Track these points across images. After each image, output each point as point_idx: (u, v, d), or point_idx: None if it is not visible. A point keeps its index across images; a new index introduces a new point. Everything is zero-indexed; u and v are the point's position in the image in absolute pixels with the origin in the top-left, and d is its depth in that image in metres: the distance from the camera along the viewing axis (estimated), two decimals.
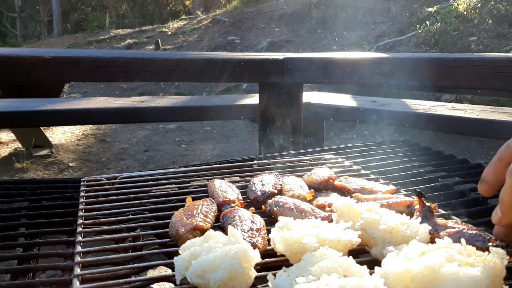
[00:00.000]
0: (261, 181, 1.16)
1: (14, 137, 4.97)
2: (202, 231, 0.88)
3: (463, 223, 0.90)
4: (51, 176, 4.27)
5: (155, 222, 1.04)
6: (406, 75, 1.93)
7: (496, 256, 0.68)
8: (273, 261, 0.84)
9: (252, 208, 1.04)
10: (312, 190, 1.13)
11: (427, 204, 0.92)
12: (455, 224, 0.88)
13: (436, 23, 7.88)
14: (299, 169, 1.32)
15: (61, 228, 1.06)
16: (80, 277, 0.82)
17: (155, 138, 5.72)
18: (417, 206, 0.96)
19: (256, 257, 0.75)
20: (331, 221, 0.92)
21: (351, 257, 0.72)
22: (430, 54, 4.21)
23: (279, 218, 0.85)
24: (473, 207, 1.10)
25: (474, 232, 0.84)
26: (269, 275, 0.70)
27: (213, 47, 10.20)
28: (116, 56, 2.11)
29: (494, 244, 0.80)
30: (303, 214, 0.95)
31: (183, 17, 15.71)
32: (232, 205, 1.04)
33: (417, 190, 0.95)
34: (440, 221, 0.89)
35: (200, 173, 1.33)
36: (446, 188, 1.26)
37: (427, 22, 8.04)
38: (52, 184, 1.33)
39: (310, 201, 1.05)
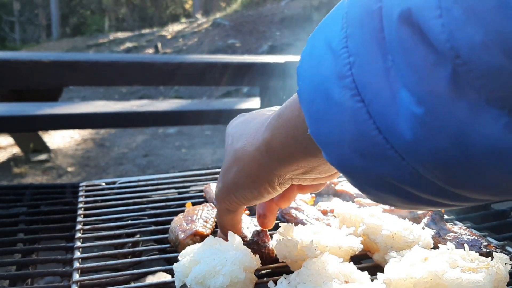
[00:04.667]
0: None
1: (13, 142, 4.96)
2: (202, 237, 0.88)
3: (467, 228, 0.89)
4: (49, 181, 4.26)
5: (155, 227, 1.03)
6: None
7: (499, 262, 0.67)
8: (274, 267, 0.83)
9: (247, 211, 1.04)
10: (313, 195, 1.12)
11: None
12: (460, 229, 0.87)
13: None
14: None
15: (59, 233, 1.05)
16: (79, 283, 0.81)
17: (154, 143, 5.71)
18: (420, 212, 0.96)
19: (256, 263, 0.75)
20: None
21: (352, 263, 0.71)
22: None
23: (280, 224, 0.84)
24: (476, 212, 1.10)
25: (472, 237, 0.84)
26: (270, 283, 0.69)
27: (213, 51, 10.21)
28: (115, 60, 2.11)
29: (491, 250, 0.79)
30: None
31: (183, 20, 15.76)
32: None
33: None
34: (449, 225, 0.89)
35: (200, 177, 1.33)
36: None
37: None
38: (51, 189, 1.32)
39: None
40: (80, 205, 1.12)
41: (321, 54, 0.41)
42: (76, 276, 0.83)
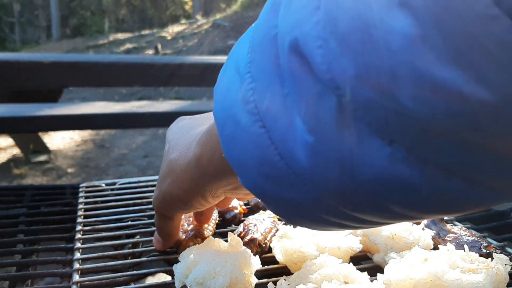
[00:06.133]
0: None
1: (12, 143, 4.96)
2: (203, 238, 0.88)
3: (467, 229, 0.89)
4: (49, 182, 4.26)
5: (155, 228, 1.03)
6: None
7: (499, 262, 0.67)
8: (273, 268, 0.83)
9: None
10: None
11: None
12: (460, 230, 0.87)
13: None
14: None
15: (59, 234, 1.05)
16: (79, 284, 0.81)
17: (154, 144, 5.71)
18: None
19: (256, 263, 0.75)
20: None
21: (351, 264, 0.71)
22: None
23: (279, 227, 0.84)
24: (475, 212, 1.10)
25: (472, 238, 0.84)
26: (270, 284, 0.69)
27: (213, 52, 10.19)
28: (115, 61, 2.11)
29: (491, 251, 0.79)
30: None
31: (183, 21, 15.75)
32: (235, 211, 1.03)
33: None
34: (449, 226, 0.88)
35: None
36: None
37: None
38: (51, 190, 1.32)
39: None
40: (80, 206, 1.12)
41: (230, 77, 0.41)
42: (76, 277, 0.83)
